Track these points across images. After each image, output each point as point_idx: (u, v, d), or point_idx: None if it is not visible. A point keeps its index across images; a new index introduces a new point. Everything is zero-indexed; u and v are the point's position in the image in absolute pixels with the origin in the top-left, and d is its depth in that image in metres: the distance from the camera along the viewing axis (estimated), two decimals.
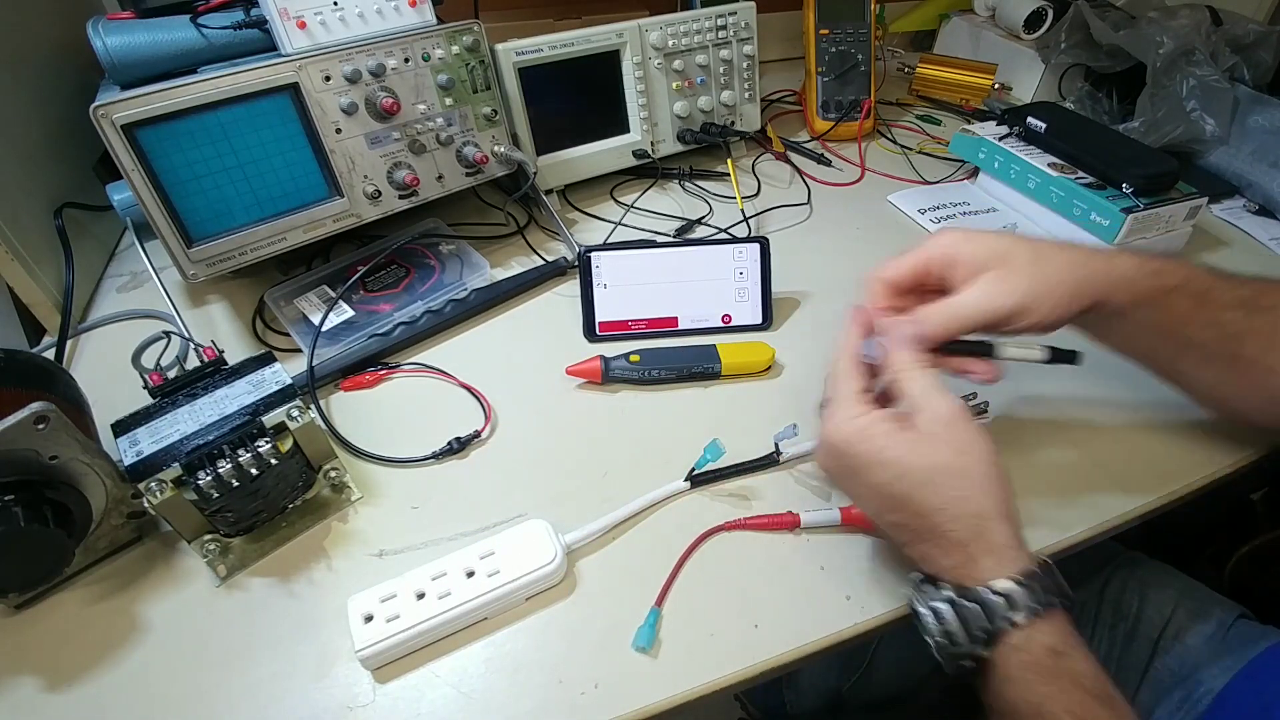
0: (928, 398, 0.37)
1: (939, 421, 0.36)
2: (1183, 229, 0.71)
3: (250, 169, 0.56)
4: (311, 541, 0.46)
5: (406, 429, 0.53)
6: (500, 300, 0.65)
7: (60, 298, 0.62)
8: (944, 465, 0.35)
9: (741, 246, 0.62)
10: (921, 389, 0.38)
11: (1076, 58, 0.92)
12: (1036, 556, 0.36)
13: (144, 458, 0.41)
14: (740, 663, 0.40)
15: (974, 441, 0.36)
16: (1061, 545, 0.46)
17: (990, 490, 0.35)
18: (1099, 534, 0.47)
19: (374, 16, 0.59)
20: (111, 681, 0.40)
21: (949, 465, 0.35)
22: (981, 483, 0.35)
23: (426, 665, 0.40)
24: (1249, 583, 0.70)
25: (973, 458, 0.35)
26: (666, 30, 0.75)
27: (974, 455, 0.36)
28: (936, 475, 0.35)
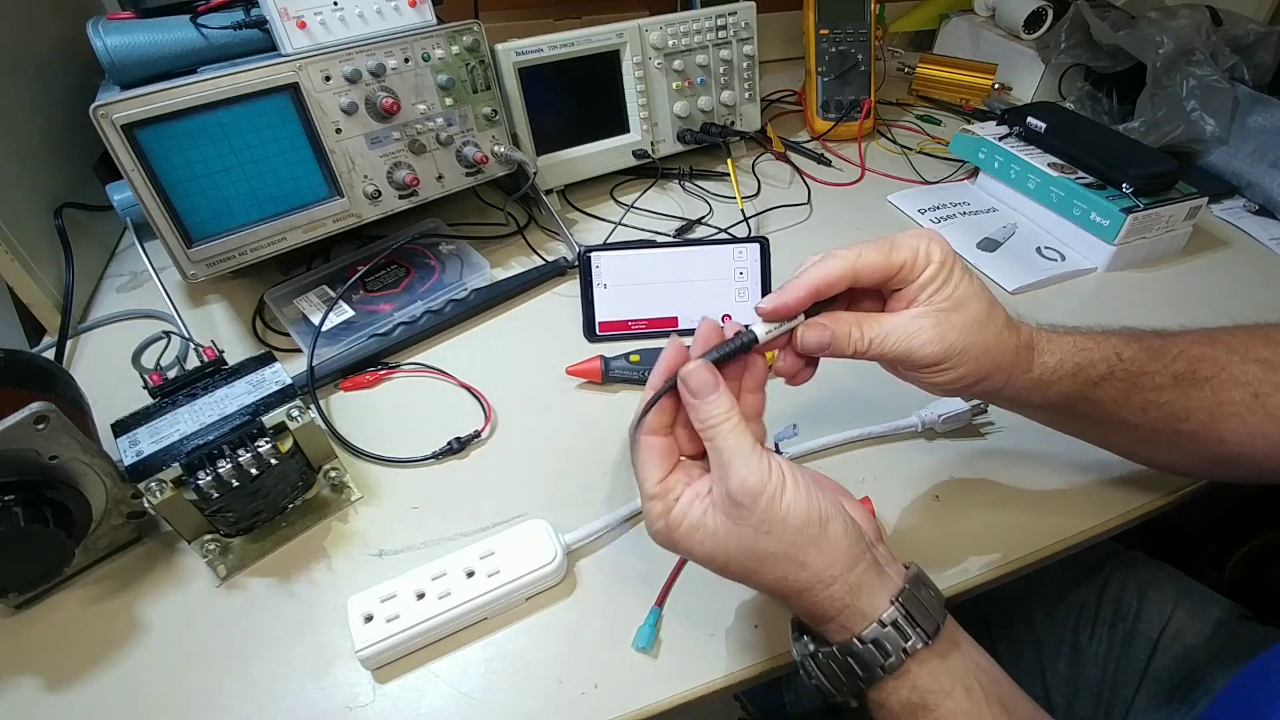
0: (727, 466, 0.32)
1: (736, 499, 0.32)
2: (1183, 229, 0.71)
3: (250, 169, 0.56)
4: (311, 541, 0.46)
5: (406, 429, 0.53)
6: (500, 300, 0.65)
7: (60, 298, 0.62)
8: (752, 550, 0.32)
9: (741, 246, 0.62)
10: (732, 447, 0.32)
11: (1076, 58, 0.92)
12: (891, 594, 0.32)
13: (144, 458, 0.41)
14: (740, 663, 0.40)
15: (778, 514, 0.32)
16: (1063, 545, 0.46)
17: (806, 561, 0.32)
18: (1099, 534, 0.47)
19: (374, 16, 0.59)
20: (111, 681, 0.40)
21: (755, 550, 0.32)
22: (794, 557, 0.32)
23: (426, 665, 0.40)
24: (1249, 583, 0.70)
25: (777, 533, 0.32)
26: (666, 30, 0.75)
27: (779, 530, 0.32)
28: (750, 560, 0.33)
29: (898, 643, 0.31)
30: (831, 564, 0.32)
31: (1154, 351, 0.39)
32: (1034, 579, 0.50)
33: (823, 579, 0.32)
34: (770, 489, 0.32)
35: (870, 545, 0.33)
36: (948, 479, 0.50)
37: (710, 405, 0.33)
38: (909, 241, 0.36)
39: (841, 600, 0.32)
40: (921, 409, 0.52)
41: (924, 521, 0.47)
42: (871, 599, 0.32)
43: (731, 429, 0.33)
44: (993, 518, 0.47)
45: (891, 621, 0.32)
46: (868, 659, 0.31)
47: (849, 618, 0.32)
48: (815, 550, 0.32)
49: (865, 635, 0.31)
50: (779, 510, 0.32)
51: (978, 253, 0.72)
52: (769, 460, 0.32)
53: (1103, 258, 0.70)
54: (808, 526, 0.32)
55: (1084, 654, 0.56)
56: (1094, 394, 0.38)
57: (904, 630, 0.32)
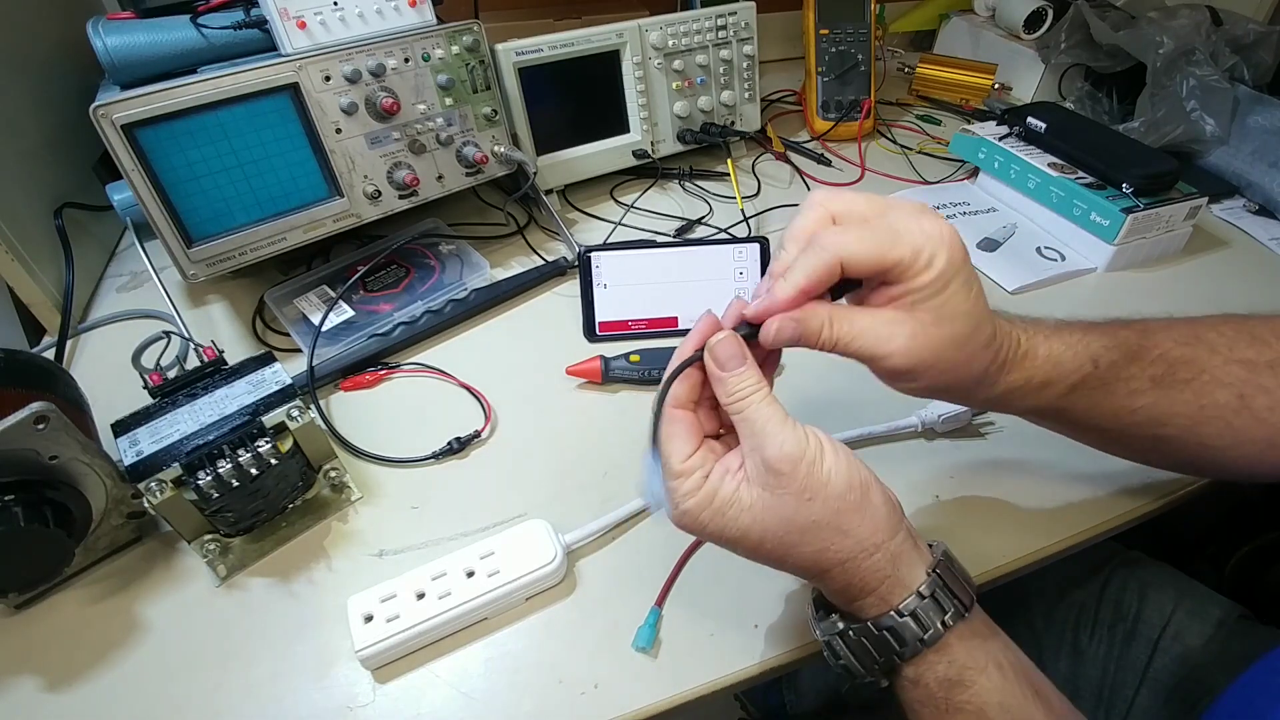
0: (770, 431, 0.31)
1: (775, 467, 0.31)
2: (1183, 229, 0.71)
3: (250, 169, 0.56)
4: (311, 541, 0.46)
5: (406, 429, 0.53)
6: (500, 300, 0.65)
7: (60, 298, 0.62)
8: (793, 521, 0.31)
9: (741, 246, 0.62)
10: (765, 417, 0.32)
11: (1076, 58, 0.92)
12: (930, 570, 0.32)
13: (144, 458, 0.41)
14: (740, 663, 0.40)
15: (819, 480, 0.31)
16: (1063, 545, 0.46)
17: (848, 528, 0.31)
18: (1099, 534, 0.47)
19: (374, 16, 0.59)
20: (111, 681, 0.40)
21: (797, 521, 0.31)
22: (836, 525, 0.31)
23: (426, 665, 0.40)
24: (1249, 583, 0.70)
25: (819, 500, 0.31)
26: (666, 30, 0.75)
27: (821, 496, 0.31)
28: (790, 534, 0.31)
29: (935, 616, 0.31)
30: (875, 531, 0.31)
31: (1132, 354, 0.38)
32: (1034, 579, 0.50)
33: (865, 547, 0.31)
34: (810, 454, 0.31)
35: (902, 516, 0.33)
36: (948, 479, 0.50)
37: (739, 377, 0.32)
38: (914, 239, 0.32)
39: (883, 570, 0.31)
40: (921, 409, 0.52)
41: (924, 522, 0.47)
42: (910, 569, 0.32)
43: (763, 399, 0.32)
44: (992, 518, 0.47)
45: (930, 593, 0.31)
46: (904, 632, 0.31)
47: (889, 589, 0.31)
48: (859, 516, 0.31)
49: (904, 607, 0.31)
50: (821, 475, 0.31)
51: (978, 253, 0.72)
52: (804, 429, 0.32)
53: (1103, 258, 0.70)
54: (850, 491, 0.31)
55: (1084, 654, 0.56)
56: (1064, 403, 0.37)
57: (941, 603, 0.31)
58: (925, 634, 0.31)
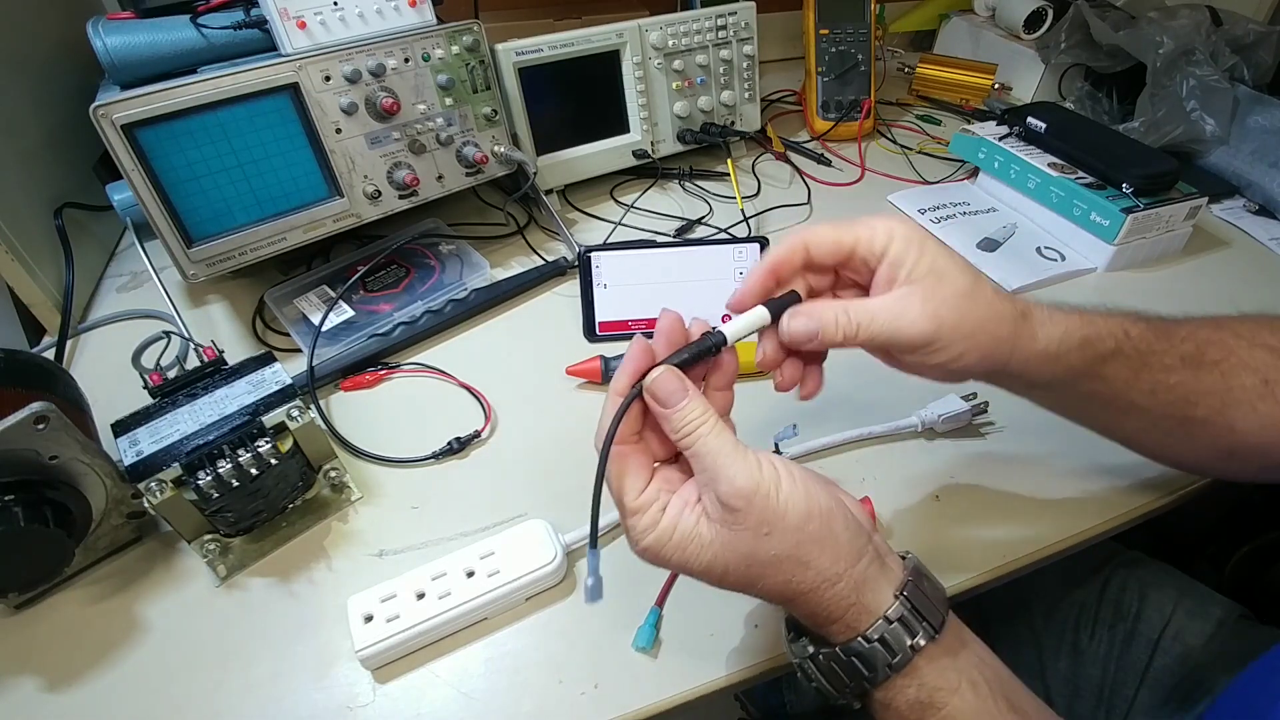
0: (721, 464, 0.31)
1: (729, 503, 0.30)
2: (1183, 229, 0.71)
3: (250, 169, 0.56)
4: (311, 541, 0.46)
5: (406, 429, 0.53)
6: (500, 300, 0.65)
7: (60, 298, 0.62)
8: (753, 556, 0.30)
9: (741, 246, 0.62)
10: (714, 450, 0.31)
11: (1076, 58, 0.92)
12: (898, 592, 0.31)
13: (144, 458, 0.41)
14: (740, 663, 0.40)
15: (776, 513, 0.30)
16: (1063, 545, 0.46)
17: (809, 560, 0.30)
18: (1099, 534, 0.47)
19: (374, 16, 0.59)
20: (111, 681, 0.40)
21: (757, 555, 0.30)
22: (797, 557, 0.30)
23: (426, 665, 0.40)
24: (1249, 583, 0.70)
25: (778, 534, 0.30)
26: (666, 30, 0.75)
27: (779, 529, 0.30)
28: (751, 568, 0.31)
29: (904, 639, 0.30)
30: (836, 560, 0.31)
31: (1161, 332, 0.38)
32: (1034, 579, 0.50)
33: (827, 577, 0.30)
34: (764, 486, 0.30)
35: (869, 534, 0.32)
36: (948, 479, 0.49)
37: (682, 412, 0.31)
38: (866, 220, 0.35)
39: (847, 599, 0.31)
40: (921, 409, 0.52)
41: (924, 522, 0.47)
42: (876, 594, 0.31)
43: (709, 431, 0.31)
44: (993, 518, 0.47)
45: (897, 617, 0.30)
46: (873, 658, 0.30)
47: (855, 616, 0.31)
48: (818, 548, 0.30)
49: (870, 633, 0.30)
50: (777, 508, 0.30)
51: (978, 253, 0.72)
52: (757, 457, 0.31)
53: (1103, 258, 0.70)
54: (808, 521, 0.30)
55: (1084, 654, 0.56)
56: (1104, 371, 0.37)
57: (910, 625, 0.30)
58: (893, 659, 0.30)
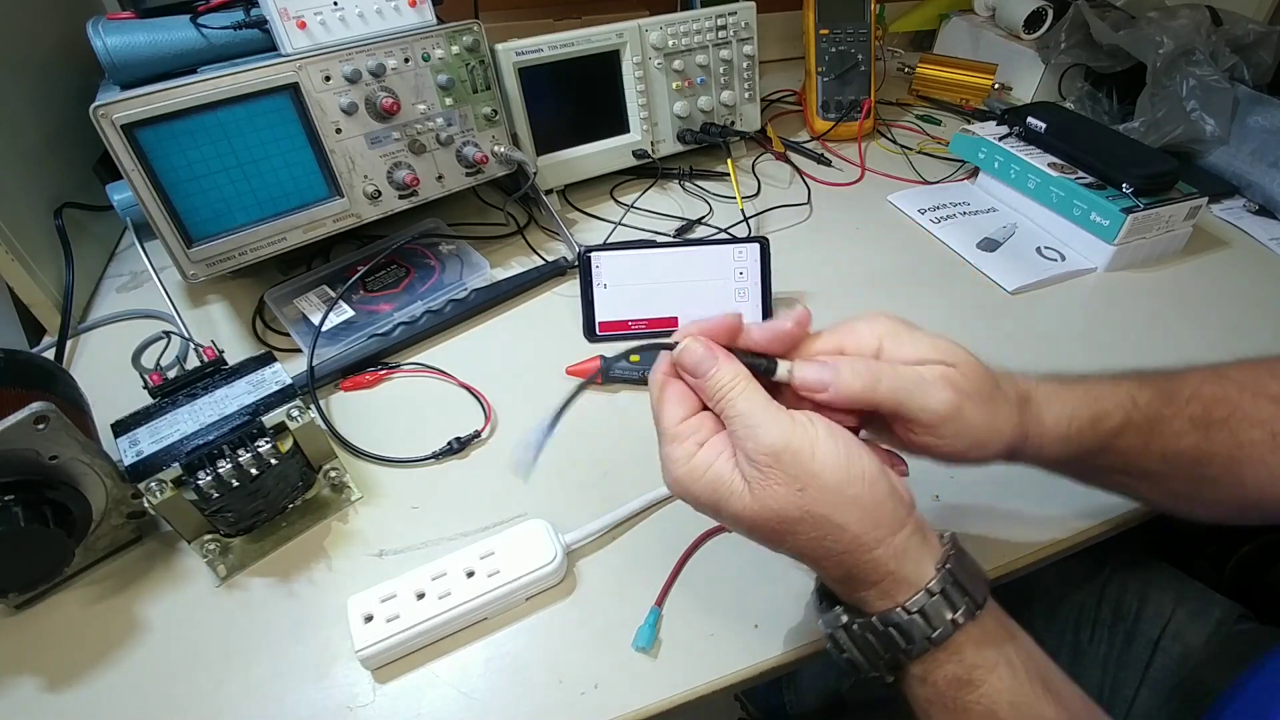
0: (751, 424, 0.30)
1: (765, 456, 0.30)
2: (1183, 229, 0.71)
3: (250, 169, 0.56)
4: (311, 541, 0.46)
5: (406, 429, 0.53)
6: (500, 300, 0.65)
7: (60, 298, 0.62)
8: (787, 512, 0.30)
9: (741, 246, 0.62)
10: (744, 412, 0.30)
11: (1076, 58, 0.92)
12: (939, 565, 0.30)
13: (144, 458, 0.41)
14: (740, 663, 0.40)
15: (810, 471, 0.29)
16: (1063, 545, 0.46)
17: (846, 522, 0.29)
18: (1099, 534, 0.47)
19: (374, 16, 0.59)
20: (111, 681, 0.40)
21: (790, 511, 0.30)
22: (834, 517, 0.29)
23: (426, 665, 0.40)
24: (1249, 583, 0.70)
25: (813, 490, 0.29)
26: (666, 30, 0.75)
27: (814, 487, 0.29)
28: (782, 524, 0.30)
29: (945, 613, 0.29)
30: (875, 526, 0.30)
31: (1166, 394, 0.38)
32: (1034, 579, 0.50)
33: (864, 542, 0.30)
34: (795, 444, 0.29)
35: (911, 508, 0.31)
36: (948, 479, 0.49)
37: (713, 379, 0.31)
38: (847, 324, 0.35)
39: (884, 565, 0.30)
40: None
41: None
42: (918, 565, 0.30)
43: (740, 394, 0.31)
44: (993, 518, 0.47)
45: (939, 590, 0.29)
46: (911, 630, 0.29)
47: (892, 585, 0.30)
48: (857, 511, 0.30)
49: (911, 604, 0.29)
50: (810, 466, 0.29)
51: (978, 253, 0.72)
52: (792, 416, 0.30)
53: (1103, 258, 0.70)
54: (848, 485, 0.29)
55: (1084, 654, 0.56)
56: (1116, 444, 0.37)
57: (952, 600, 0.29)
58: (934, 632, 0.29)
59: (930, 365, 0.33)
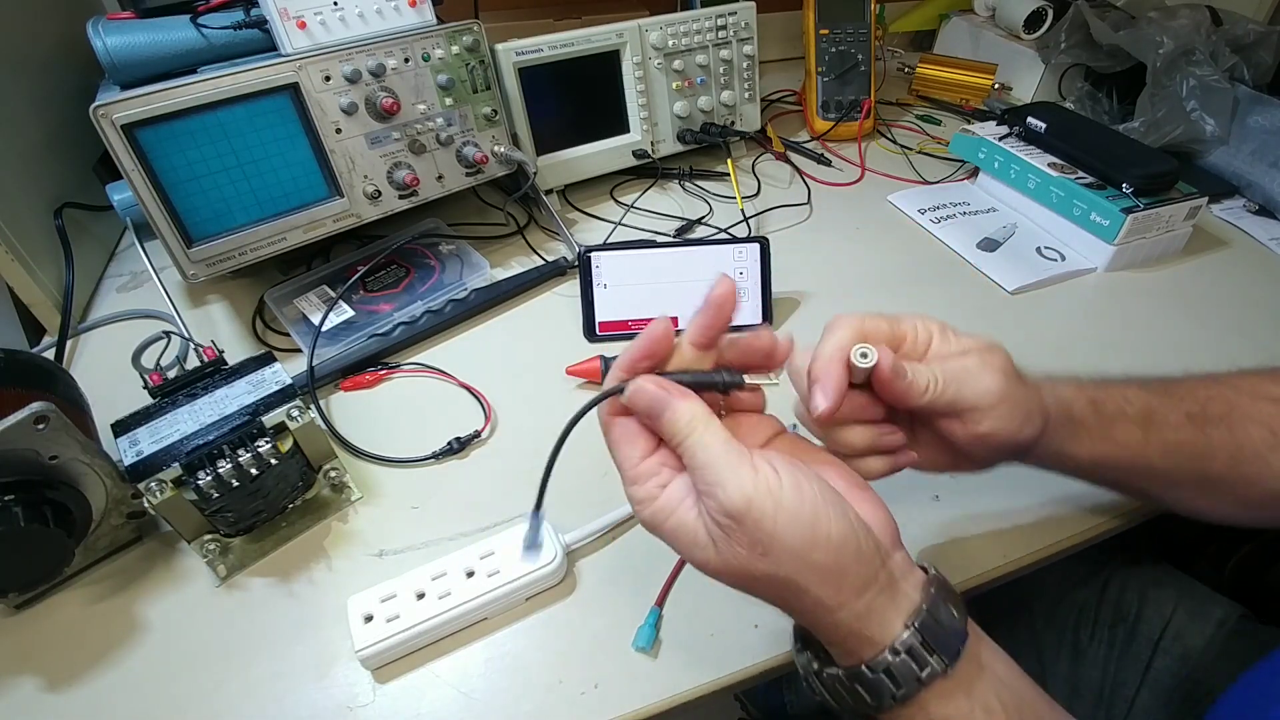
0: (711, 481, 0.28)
1: (727, 519, 0.27)
2: (1183, 229, 0.71)
3: (250, 169, 0.56)
4: (311, 541, 0.46)
5: (406, 429, 0.53)
6: (500, 300, 0.65)
7: (60, 298, 0.62)
8: (747, 571, 0.28)
9: (741, 246, 0.62)
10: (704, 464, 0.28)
11: (1076, 58, 0.92)
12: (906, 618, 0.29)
13: (144, 458, 0.41)
14: (740, 663, 0.40)
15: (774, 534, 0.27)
16: (1063, 545, 0.46)
17: (807, 586, 0.28)
18: (1100, 534, 0.47)
19: (374, 16, 0.59)
20: (111, 681, 0.40)
21: (750, 571, 0.28)
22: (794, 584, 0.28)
23: (426, 665, 0.40)
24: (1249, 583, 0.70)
25: (771, 559, 0.27)
26: (666, 30, 0.75)
27: (774, 555, 0.27)
28: (746, 581, 0.29)
29: (912, 672, 0.28)
30: (838, 591, 0.28)
31: (1161, 392, 0.39)
32: (1034, 579, 0.50)
33: (827, 606, 0.28)
34: (759, 504, 0.27)
35: (886, 556, 0.30)
36: (948, 479, 0.49)
37: (670, 422, 0.29)
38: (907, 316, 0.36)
39: (845, 626, 0.29)
40: None
41: (924, 522, 0.47)
42: (883, 625, 0.29)
43: (699, 441, 0.28)
44: (993, 518, 0.47)
45: (906, 649, 0.28)
46: (878, 688, 0.29)
47: (855, 644, 0.29)
48: (819, 577, 0.28)
49: (875, 664, 0.28)
50: (772, 530, 0.27)
51: (978, 253, 0.72)
52: (755, 466, 0.28)
53: (1103, 258, 0.70)
54: (811, 550, 0.28)
55: (1084, 654, 0.56)
56: (1113, 433, 0.38)
57: (919, 658, 0.28)
58: (898, 690, 0.28)
59: (970, 355, 0.34)
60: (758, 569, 0.28)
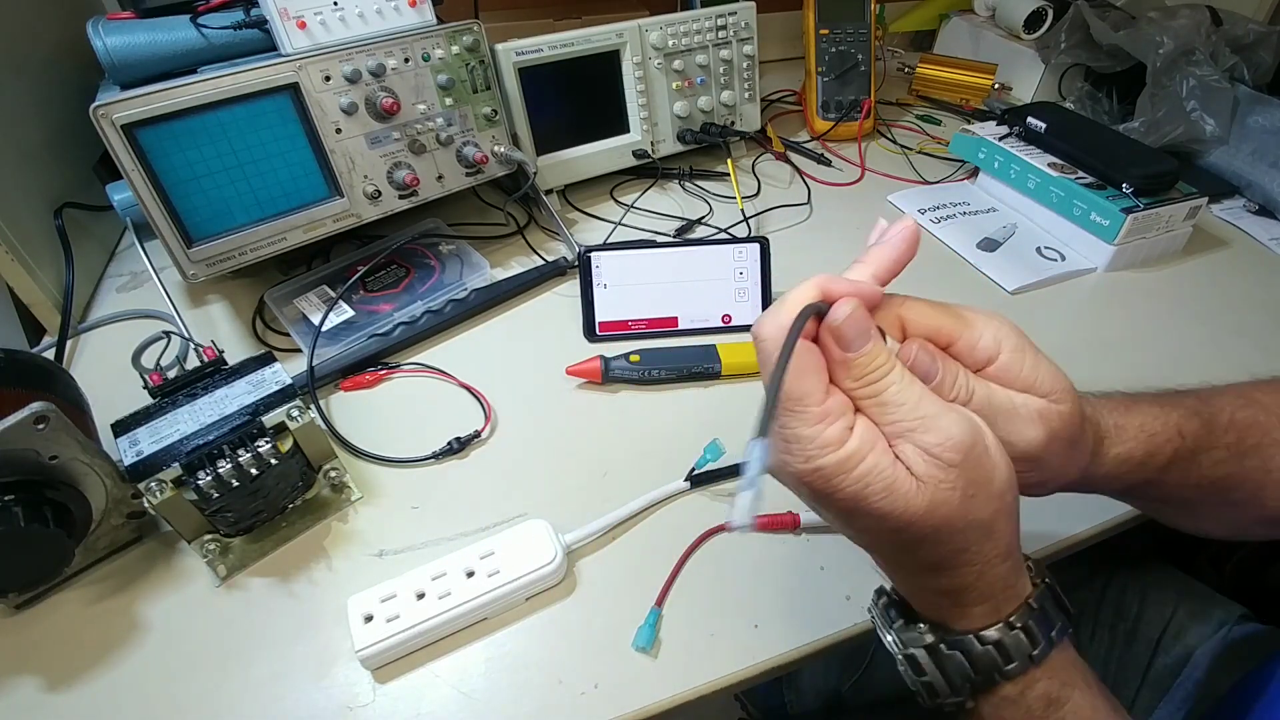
0: (924, 414, 0.26)
1: (954, 453, 0.25)
2: (1183, 229, 0.71)
3: (250, 169, 0.56)
4: (311, 541, 0.46)
5: (406, 429, 0.53)
6: (500, 300, 0.65)
7: (60, 298, 0.62)
8: (949, 520, 0.26)
9: (741, 246, 0.62)
10: (912, 400, 0.26)
11: (1076, 58, 0.92)
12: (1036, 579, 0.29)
13: (144, 458, 0.41)
14: (740, 663, 0.40)
15: (988, 472, 0.26)
16: (1064, 544, 0.46)
17: (996, 531, 0.27)
18: (1100, 534, 0.47)
19: (374, 16, 0.59)
20: (111, 681, 0.40)
21: (953, 519, 0.26)
22: (988, 526, 0.27)
23: (426, 665, 0.40)
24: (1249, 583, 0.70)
25: (982, 497, 0.26)
26: (666, 30, 0.75)
27: (984, 493, 0.26)
28: (940, 531, 0.26)
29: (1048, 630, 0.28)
30: (1013, 533, 0.28)
31: (1208, 426, 0.36)
32: None
33: (1002, 551, 0.27)
34: (981, 440, 0.26)
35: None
36: None
37: (870, 355, 0.26)
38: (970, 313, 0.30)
39: (1007, 578, 0.28)
40: None
41: None
42: (1022, 577, 0.28)
43: (900, 378, 0.26)
44: None
45: (1040, 606, 0.28)
46: (1014, 649, 0.27)
47: (1006, 598, 0.28)
48: (1007, 520, 0.27)
49: (1015, 620, 0.27)
50: (989, 467, 0.26)
51: (978, 253, 0.72)
52: (954, 407, 0.26)
53: (1103, 258, 0.70)
54: (1009, 490, 0.27)
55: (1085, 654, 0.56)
56: (1162, 479, 0.35)
57: (1050, 616, 0.28)
58: (1034, 650, 0.28)
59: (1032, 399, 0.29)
60: (961, 514, 0.26)
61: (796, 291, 0.27)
